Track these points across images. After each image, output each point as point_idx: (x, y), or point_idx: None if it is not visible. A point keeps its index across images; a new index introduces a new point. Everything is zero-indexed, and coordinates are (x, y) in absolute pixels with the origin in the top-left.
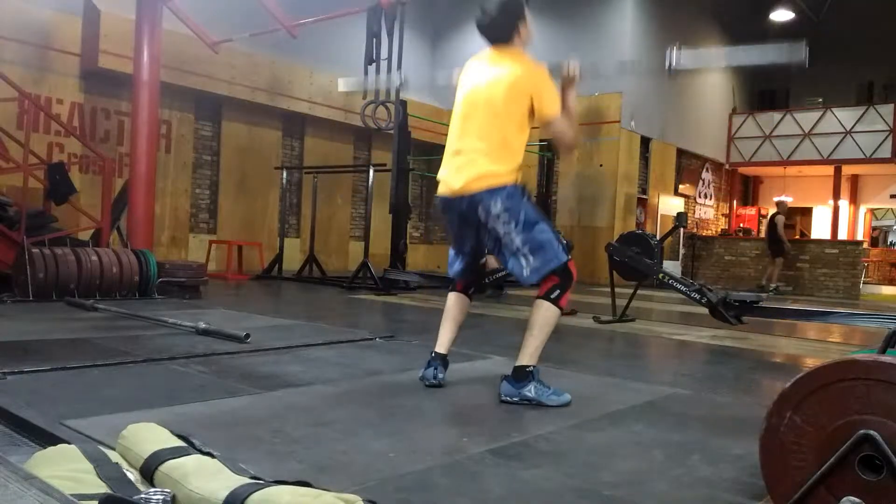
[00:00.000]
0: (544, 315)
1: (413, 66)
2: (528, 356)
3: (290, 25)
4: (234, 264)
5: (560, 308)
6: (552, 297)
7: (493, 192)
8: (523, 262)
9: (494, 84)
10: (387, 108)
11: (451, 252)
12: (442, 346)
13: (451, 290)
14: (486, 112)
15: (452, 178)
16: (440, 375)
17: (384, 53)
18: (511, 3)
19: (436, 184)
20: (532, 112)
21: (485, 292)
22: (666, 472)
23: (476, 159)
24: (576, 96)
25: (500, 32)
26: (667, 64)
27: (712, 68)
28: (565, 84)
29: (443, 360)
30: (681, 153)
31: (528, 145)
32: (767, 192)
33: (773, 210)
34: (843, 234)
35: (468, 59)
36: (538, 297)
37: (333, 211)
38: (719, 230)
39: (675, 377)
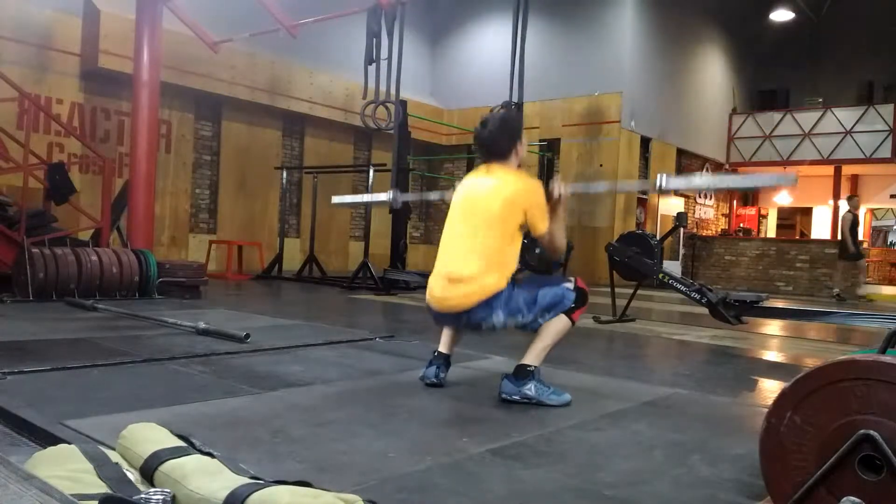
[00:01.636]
0: (557, 324)
1: (413, 66)
2: (532, 357)
3: (290, 25)
4: (234, 264)
5: (573, 321)
6: (567, 309)
7: (488, 303)
8: (541, 320)
9: (491, 197)
10: (387, 108)
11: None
12: (445, 346)
13: None
14: (481, 223)
15: (444, 292)
16: (441, 375)
17: (384, 53)
18: (511, 122)
19: (436, 184)
20: (524, 224)
21: None
22: (666, 472)
23: (469, 277)
24: (565, 210)
25: (499, 149)
26: (657, 185)
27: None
28: (555, 203)
29: (445, 360)
30: (681, 153)
31: (528, 145)
32: (767, 192)
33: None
34: None
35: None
36: None
37: (333, 211)
38: (719, 230)
39: (675, 377)
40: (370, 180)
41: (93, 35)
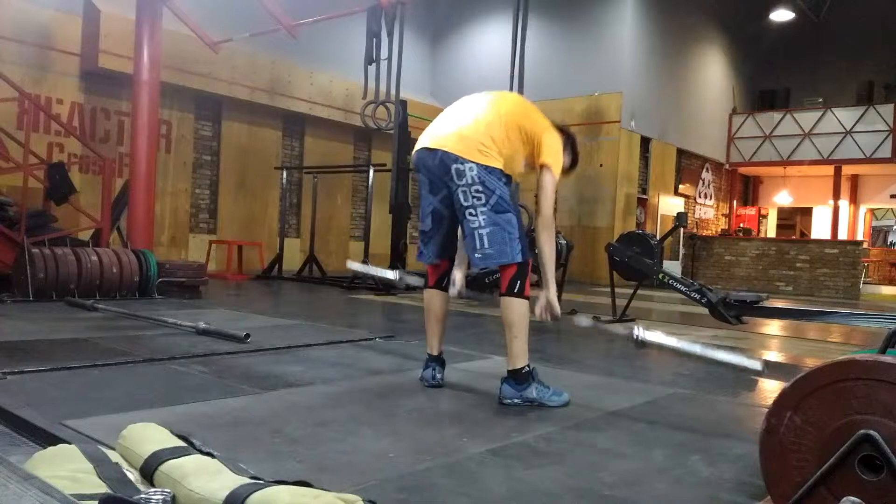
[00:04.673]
0: (516, 310)
1: (413, 66)
2: (518, 357)
3: (290, 25)
4: (234, 264)
5: (526, 298)
6: (516, 290)
7: (469, 162)
8: (477, 243)
9: (508, 98)
10: (387, 108)
11: (420, 236)
12: (433, 348)
13: (425, 287)
14: (485, 109)
15: (434, 132)
16: (438, 376)
17: (384, 53)
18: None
19: None
20: (527, 151)
21: (483, 292)
22: (666, 472)
23: (463, 128)
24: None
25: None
26: (634, 336)
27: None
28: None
29: (438, 361)
30: (681, 153)
31: None
32: (767, 192)
33: None
34: (843, 234)
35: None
36: (503, 294)
37: (333, 211)
38: (719, 230)
39: (675, 377)
40: (370, 180)
41: (93, 35)
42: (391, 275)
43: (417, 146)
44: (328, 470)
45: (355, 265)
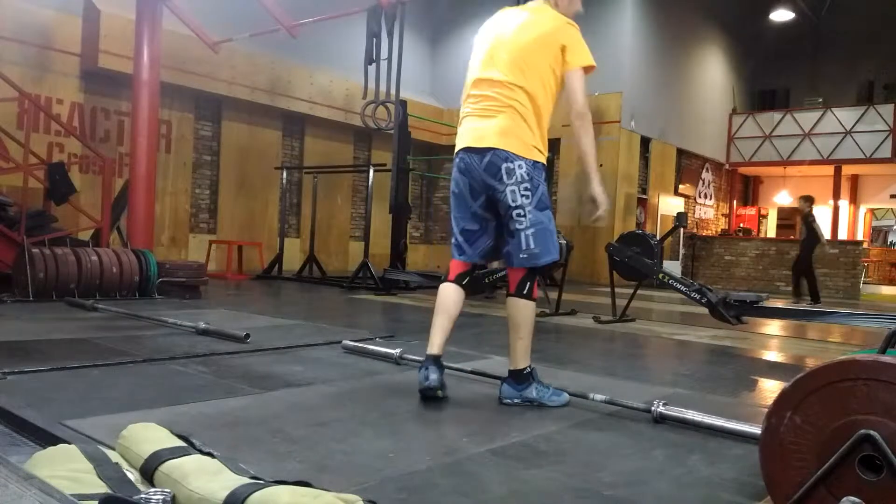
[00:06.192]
0: (523, 312)
1: (413, 66)
2: (520, 358)
3: (290, 25)
4: (234, 264)
5: (534, 300)
6: (524, 291)
7: (517, 158)
8: (523, 244)
9: (524, 30)
10: (387, 108)
11: (455, 231)
12: (435, 346)
13: (444, 281)
14: (512, 57)
15: (477, 126)
16: (433, 376)
17: (384, 53)
18: None
19: (436, 184)
20: (559, 71)
21: (484, 292)
22: (666, 472)
23: (503, 108)
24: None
25: None
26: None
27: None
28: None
29: (435, 361)
30: (681, 153)
31: None
32: (767, 192)
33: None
34: (843, 234)
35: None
36: (511, 295)
37: (333, 211)
38: (719, 230)
39: (675, 377)
40: (370, 180)
41: (93, 35)
42: (393, 352)
43: (460, 145)
44: (328, 470)
45: (349, 343)
